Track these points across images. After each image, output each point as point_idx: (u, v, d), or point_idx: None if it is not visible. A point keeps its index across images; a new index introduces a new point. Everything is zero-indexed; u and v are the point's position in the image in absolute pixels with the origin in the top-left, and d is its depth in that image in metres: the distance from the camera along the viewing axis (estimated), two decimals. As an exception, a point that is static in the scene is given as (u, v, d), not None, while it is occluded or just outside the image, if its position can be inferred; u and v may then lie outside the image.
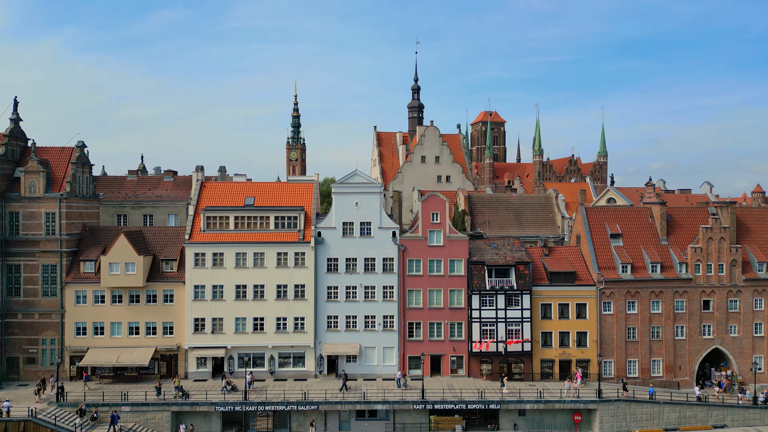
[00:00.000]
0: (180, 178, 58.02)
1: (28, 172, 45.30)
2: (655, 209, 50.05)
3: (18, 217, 45.44)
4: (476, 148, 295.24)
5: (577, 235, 50.23)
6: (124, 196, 55.82)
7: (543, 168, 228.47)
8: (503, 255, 46.90)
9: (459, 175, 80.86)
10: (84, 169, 48.32)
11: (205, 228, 46.10)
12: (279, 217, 46.31)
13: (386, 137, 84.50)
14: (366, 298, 46.13)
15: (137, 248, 44.70)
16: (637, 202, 75.97)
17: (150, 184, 57.41)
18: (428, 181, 79.48)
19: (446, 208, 46.54)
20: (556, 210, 58.49)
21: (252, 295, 45.65)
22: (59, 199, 45.32)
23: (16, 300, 45.45)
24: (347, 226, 46.33)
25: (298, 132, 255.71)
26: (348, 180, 46.53)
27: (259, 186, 49.49)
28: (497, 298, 45.74)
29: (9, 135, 46.20)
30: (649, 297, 47.08)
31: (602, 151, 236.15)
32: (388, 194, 78.38)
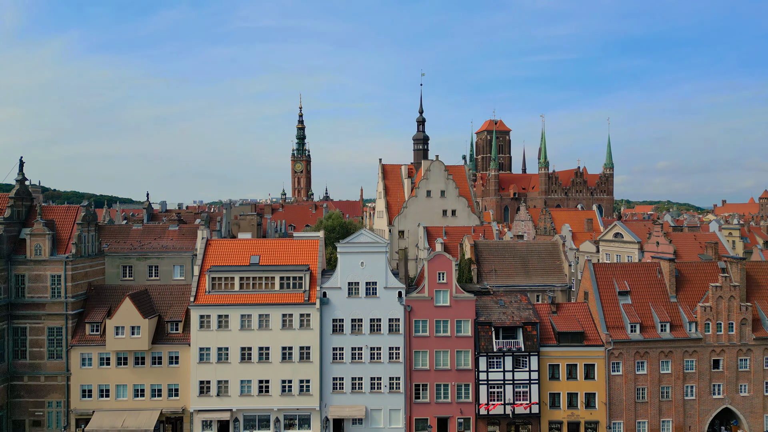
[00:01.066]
0: (185, 227, 57.88)
1: (34, 234, 45.28)
2: (663, 265, 49.46)
3: (24, 280, 45.43)
4: (481, 157, 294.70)
5: (585, 291, 49.71)
6: (129, 246, 55.70)
7: (549, 180, 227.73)
8: (510, 314, 46.47)
9: (465, 209, 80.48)
10: (90, 228, 48.26)
11: (210, 289, 45.92)
12: (284, 277, 46.07)
13: (391, 170, 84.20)
14: (372, 359, 45.81)
15: (142, 311, 44.59)
16: (644, 237, 75.44)
17: (155, 233, 57.29)
18: (434, 215, 79.17)
19: (452, 268, 46.16)
20: (563, 258, 57.98)
21: (257, 358, 45.43)
22: (65, 261, 45.26)
23: (22, 363, 45.44)
24: (353, 286, 46.05)
25: (303, 144, 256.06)
26: (354, 240, 46.25)
27: (264, 243, 49.28)
28: (505, 360, 45.32)
29: (15, 196, 46.23)
30: (659, 357, 46.53)
31: (608, 162, 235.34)
32: (394, 230, 78.19)
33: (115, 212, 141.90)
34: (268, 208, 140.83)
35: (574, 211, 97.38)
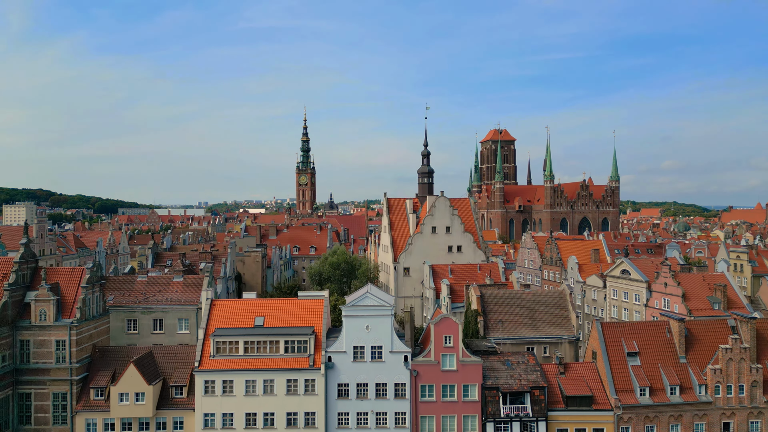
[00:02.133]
0: (190, 278, 57.67)
1: (39, 300, 45.14)
2: (673, 325, 48.82)
3: (29, 345, 45.32)
4: (486, 166, 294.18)
5: (593, 351, 49.11)
6: (134, 299, 55.57)
7: (554, 193, 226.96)
8: (518, 377, 45.96)
9: (470, 245, 79.99)
10: (94, 289, 48.07)
11: (215, 353, 45.63)
12: (289, 341, 45.72)
13: (397, 204, 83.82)
14: (377, 424, 45.39)
15: (147, 377, 44.33)
16: (652, 276, 74.64)
17: (160, 285, 57.12)
18: (439, 252, 78.72)
19: (459, 331, 45.71)
20: (570, 308, 57.41)
21: (262, 424, 45.09)
22: (69, 327, 45.09)
23: (27, 428, 45.30)
24: (358, 349, 45.65)
25: (307, 156, 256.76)
26: (359, 303, 45.86)
27: (268, 304, 48.91)
28: (512, 426, 44.81)
29: (20, 261, 46.10)
30: (668, 420, 45.90)
31: (614, 175, 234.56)
32: (399, 267, 77.78)
33: (124, 218, 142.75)
34: (272, 228, 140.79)
35: (580, 241, 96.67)
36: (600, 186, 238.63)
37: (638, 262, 77.73)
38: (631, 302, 76.22)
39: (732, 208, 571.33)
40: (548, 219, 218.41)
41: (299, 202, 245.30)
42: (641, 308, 74.05)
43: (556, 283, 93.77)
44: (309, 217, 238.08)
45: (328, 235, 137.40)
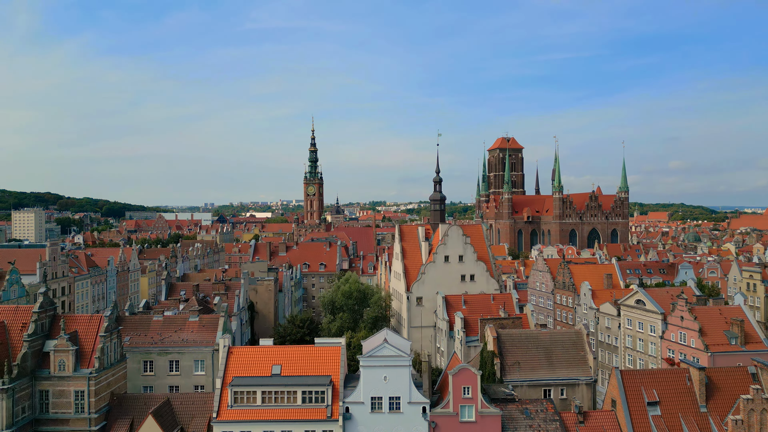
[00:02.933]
0: (206, 318, 57.69)
1: (58, 350, 45.23)
2: (693, 373, 48.33)
3: (48, 395, 45.44)
4: (494, 174, 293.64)
5: (612, 399, 48.67)
6: (150, 340, 55.65)
7: (563, 205, 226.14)
8: (537, 427, 45.63)
9: (483, 274, 79.69)
10: (112, 336, 48.13)
11: (233, 403, 45.56)
12: (306, 391, 45.60)
13: (409, 232, 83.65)
14: (396, 475, 45.18)
15: (165, 428, 44.29)
16: (668, 307, 74.02)
17: (176, 325, 57.16)
18: (452, 281, 78.47)
19: (477, 382, 45.44)
20: (587, 349, 56.99)
21: (280, 475, 45.01)
22: (88, 378, 45.17)
23: (45, 478, 45.37)
24: (375, 400, 45.49)
25: (315, 167, 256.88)
26: (376, 353, 45.68)
27: (285, 351, 48.81)
28: (531, 478, 44.50)
29: (39, 310, 46.23)
30: (689, 472, 45.46)
31: (623, 186, 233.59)
32: (412, 297, 77.57)
33: (131, 223, 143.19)
34: (282, 246, 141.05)
35: (593, 265, 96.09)
36: (609, 196, 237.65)
37: (653, 293, 77.13)
38: (646, 333, 75.68)
39: (740, 213, 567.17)
40: (557, 230, 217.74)
41: (307, 212, 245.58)
42: (657, 340, 73.51)
43: (568, 308, 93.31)
44: (317, 228, 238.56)
45: (338, 252, 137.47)
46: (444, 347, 72.25)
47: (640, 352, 76.83)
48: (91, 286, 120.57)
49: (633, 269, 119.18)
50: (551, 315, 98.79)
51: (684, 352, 68.91)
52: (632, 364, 78.23)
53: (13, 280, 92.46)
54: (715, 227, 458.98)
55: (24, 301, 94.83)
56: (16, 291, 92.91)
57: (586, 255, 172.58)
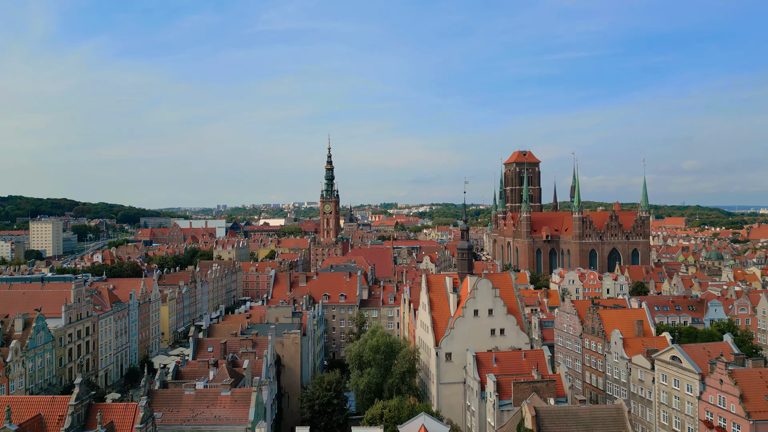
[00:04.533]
0: (238, 393, 56.92)
1: (94, 445, 44.63)
2: None
3: (84, 490, 44.84)
4: (510, 189, 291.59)
5: (660, 492, 47.10)
6: (182, 418, 55.01)
7: (583, 225, 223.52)
8: None
9: (513, 327, 78.27)
10: (148, 425, 47.49)
11: (271, 498, 44.73)
12: (346, 487, 44.63)
13: (436, 281, 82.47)
14: None
15: None
16: (705, 366, 72.02)
17: (208, 400, 56.46)
18: (481, 335, 77.15)
19: (522, 480, 44.14)
20: (629, 426, 55.41)
21: None
22: (125, 473, 44.55)
23: None
24: (417, 496, 44.38)
25: (331, 185, 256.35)
26: None
27: None
28: None
29: (75, 402, 45.71)
30: None
31: (644, 205, 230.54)
32: (441, 353, 76.39)
33: (146, 232, 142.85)
34: (302, 276, 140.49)
35: (622, 310, 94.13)
36: (629, 213, 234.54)
37: (690, 350, 75.15)
38: (682, 391, 73.76)
39: (757, 216, 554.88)
40: (577, 250, 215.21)
41: (323, 230, 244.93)
42: (694, 400, 71.60)
43: (598, 354, 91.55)
44: (334, 247, 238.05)
45: (358, 283, 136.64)
46: (475, 407, 70.95)
47: (676, 410, 74.91)
48: (114, 323, 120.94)
49: (661, 306, 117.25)
50: (579, 359, 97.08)
51: (724, 417, 67.00)
52: (667, 422, 76.36)
53: (40, 327, 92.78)
54: (735, 236, 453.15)
55: (50, 347, 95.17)
56: (42, 337, 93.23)
57: (609, 281, 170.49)
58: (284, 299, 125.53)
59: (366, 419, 61.48)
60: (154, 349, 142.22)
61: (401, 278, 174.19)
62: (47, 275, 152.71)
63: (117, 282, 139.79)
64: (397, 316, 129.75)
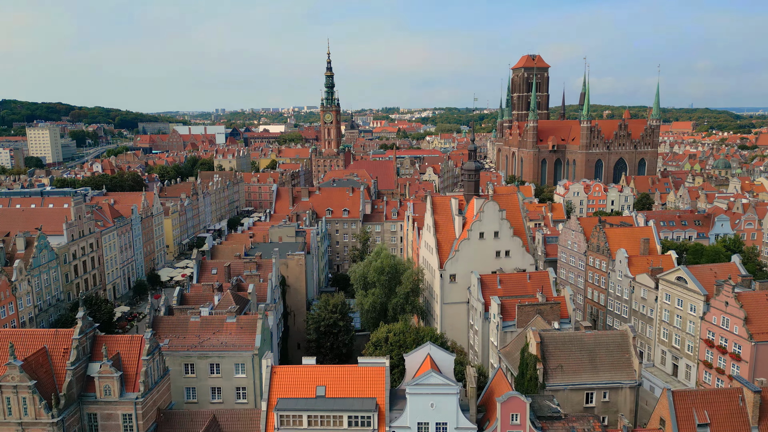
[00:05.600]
0: (243, 320, 56.81)
1: (102, 376, 44.87)
2: (747, 395, 46.96)
3: (96, 418, 45.75)
4: (517, 95, 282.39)
5: (661, 418, 47.90)
6: (189, 344, 55.31)
7: (590, 134, 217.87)
8: (583, 450, 45.40)
9: (519, 249, 77.31)
10: (155, 356, 47.54)
11: (279, 425, 45.60)
12: (352, 415, 45.31)
13: (441, 203, 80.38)
14: (442, 493, 45.87)
15: (214, 450, 44.81)
16: (711, 288, 71.68)
17: (213, 326, 56.51)
18: (486, 257, 76.37)
19: (527, 410, 44.68)
20: (633, 351, 55.68)
21: (329, 493, 45.91)
22: (135, 402, 45.14)
23: (102, 493, 46.82)
24: (422, 425, 45.18)
25: (332, 92, 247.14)
26: (423, 382, 44.73)
27: (329, 372, 47.98)
28: (577, 500, 44.92)
29: (79, 335, 45.35)
30: (736, 493, 45.54)
31: (656, 113, 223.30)
32: (446, 274, 76.05)
33: (145, 138, 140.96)
34: (304, 191, 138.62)
35: (629, 228, 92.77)
36: (638, 122, 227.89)
37: (696, 271, 74.59)
38: (685, 311, 74.17)
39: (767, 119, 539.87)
40: (583, 161, 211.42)
41: (324, 141, 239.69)
42: (696, 320, 72.11)
43: (601, 272, 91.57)
44: (335, 159, 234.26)
45: (361, 198, 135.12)
46: (478, 327, 71.68)
47: (677, 328, 75.81)
48: (118, 237, 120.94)
49: (668, 221, 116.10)
50: (582, 276, 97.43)
51: (726, 337, 67.68)
52: (667, 338, 77.59)
53: (42, 246, 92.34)
54: (743, 142, 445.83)
55: (55, 265, 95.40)
56: (45, 256, 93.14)
57: (614, 193, 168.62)
58: (287, 214, 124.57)
59: (371, 342, 62.04)
60: (159, 261, 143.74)
61: (404, 191, 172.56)
62: (47, 189, 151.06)
63: (118, 196, 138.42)
64: (401, 230, 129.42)
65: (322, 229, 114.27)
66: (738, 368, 65.86)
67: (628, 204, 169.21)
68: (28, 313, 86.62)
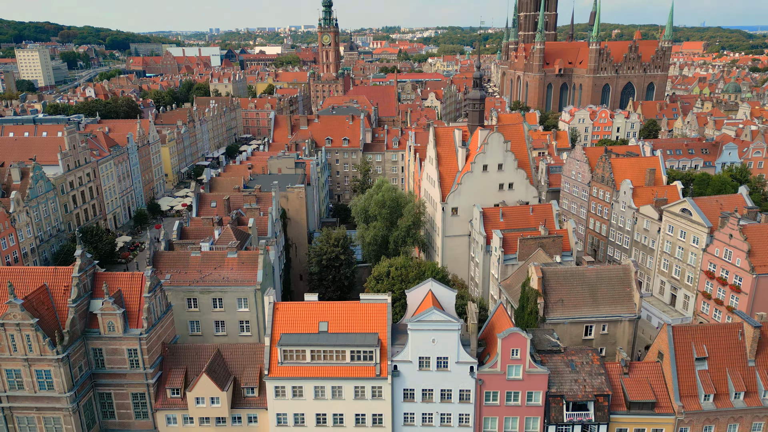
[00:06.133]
0: (244, 255, 56.39)
1: (105, 313, 44.95)
2: (747, 330, 47.24)
3: (101, 353, 46.30)
4: (524, 15, 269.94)
5: (660, 352, 48.47)
6: (191, 279, 55.25)
7: (599, 57, 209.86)
8: (582, 382, 46.29)
9: (523, 182, 75.88)
10: (156, 293, 47.46)
11: (283, 360, 46.25)
12: (355, 350, 45.81)
13: (445, 135, 77.97)
14: (442, 422, 47.30)
15: (219, 383, 45.71)
16: (716, 220, 70.85)
17: (215, 261, 56.20)
18: (489, 190, 75.12)
19: (527, 346, 45.07)
20: (634, 286, 55.68)
21: (332, 422, 47.35)
22: (139, 338, 45.51)
23: (111, 422, 48.33)
24: (423, 360, 45.78)
25: (329, 12, 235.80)
26: (425, 318, 44.81)
27: (331, 307, 48.03)
28: (574, 429, 46.34)
29: (79, 273, 44.98)
30: (728, 422, 46.89)
31: (668, 34, 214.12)
32: (448, 207, 75.10)
33: (138, 60, 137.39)
34: (303, 119, 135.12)
35: (635, 159, 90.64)
36: (649, 46, 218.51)
37: (702, 203, 73.47)
38: (687, 243, 73.86)
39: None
40: (590, 85, 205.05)
41: (323, 64, 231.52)
42: (698, 252, 71.93)
43: (605, 203, 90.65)
44: (334, 83, 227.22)
45: (361, 126, 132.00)
46: (479, 260, 71.66)
47: (678, 260, 75.84)
48: (115, 167, 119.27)
49: (674, 150, 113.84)
50: (585, 206, 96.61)
51: (728, 269, 67.70)
52: (667, 269, 77.85)
53: (38, 177, 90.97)
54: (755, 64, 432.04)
55: (52, 196, 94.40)
56: (42, 186, 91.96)
57: (620, 119, 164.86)
58: (286, 143, 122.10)
59: (373, 276, 62.09)
60: (159, 191, 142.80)
61: (405, 118, 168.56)
62: (39, 116, 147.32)
63: (112, 124, 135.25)
64: (402, 160, 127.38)
65: (322, 160, 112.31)
66: (737, 300, 66.37)
67: (634, 131, 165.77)
68: (29, 244, 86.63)
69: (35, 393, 43.95)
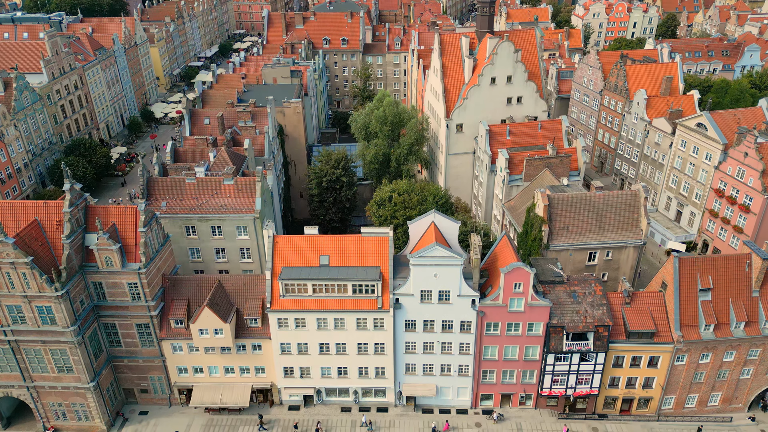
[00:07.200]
0: (241, 182, 54.36)
1: (101, 249, 44.00)
2: (755, 261, 46.37)
3: (102, 286, 46.00)
4: None
5: (664, 282, 48.02)
6: (188, 206, 53.76)
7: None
8: (584, 313, 46.37)
9: (532, 95, 71.77)
10: (152, 226, 46.20)
11: (285, 293, 46.06)
12: (356, 285, 45.42)
13: (451, 43, 72.33)
14: (443, 351, 48.11)
15: (222, 315, 45.89)
16: (732, 136, 67.72)
17: (211, 188, 54.31)
18: (497, 104, 71.26)
19: (530, 280, 44.51)
20: (642, 212, 54.16)
21: (335, 350, 48.18)
22: (138, 273, 44.97)
23: (119, 349, 49.24)
24: (425, 293, 45.52)
25: None
26: (427, 253, 43.84)
27: (332, 240, 46.90)
28: (572, 356, 47.14)
29: (70, 207, 43.37)
30: (725, 349, 47.57)
31: None
32: (452, 124, 71.69)
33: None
34: (298, 16, 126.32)
35: (652, 66, 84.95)
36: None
37: (719, 117, 69.96)
38: (700, 159, 71.41)
39: None
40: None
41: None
42: (710, 169, 69.68)
43: (616, 113, 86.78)
44: None
45: (360, 25, 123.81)
46: (483, 179, 69.62)
47: (687, 176, 73.79)
48: (102, 72, 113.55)
49: (693, 52, 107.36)
50: (595, 116, 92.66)
51: (738, 188, 65.87)
52: (676, 185, 76.05)
53: (22, 87, 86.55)
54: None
55: (40, 106, 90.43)
56: (28, 97, 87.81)
57: (638, 13, 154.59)
58: (281, 44, 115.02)
59: (374, 201, 60.53)
60: (152, 95, 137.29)
61: (408, 12, 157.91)
62: (17, 15, 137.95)
63: (96, 23, 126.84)
64: (404, 63, 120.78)
65: (320, 65, 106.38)
66: (744, 220, 65.25)
67: (651, 26, 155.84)
68: (22, 159, 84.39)
69: (38, 327, 44.17)
